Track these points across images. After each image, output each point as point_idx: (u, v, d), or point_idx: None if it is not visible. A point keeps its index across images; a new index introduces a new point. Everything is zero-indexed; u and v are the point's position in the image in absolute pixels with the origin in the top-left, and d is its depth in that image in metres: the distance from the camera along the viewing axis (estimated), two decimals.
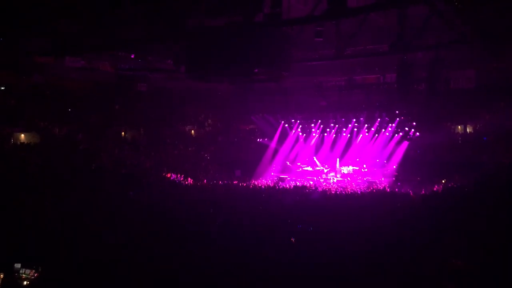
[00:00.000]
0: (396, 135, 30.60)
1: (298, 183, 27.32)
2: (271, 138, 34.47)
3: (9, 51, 21.04)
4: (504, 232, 11.94)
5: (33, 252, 11.35)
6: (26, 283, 10.33)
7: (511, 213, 13.39)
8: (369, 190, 23.76)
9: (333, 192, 22.81)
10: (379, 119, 31.46)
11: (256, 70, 18.59)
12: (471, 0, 16.69)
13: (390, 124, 30.99)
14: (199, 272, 10.37)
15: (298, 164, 32.63)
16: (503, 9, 17.12)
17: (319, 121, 33.80)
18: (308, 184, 26.46)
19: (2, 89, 26.47)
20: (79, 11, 15.81)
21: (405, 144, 29.99)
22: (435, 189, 22.35)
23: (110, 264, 10.70)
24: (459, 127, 30.94)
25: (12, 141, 24.20)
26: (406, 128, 30.23)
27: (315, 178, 29.95)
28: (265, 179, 29.83)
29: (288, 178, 30.10)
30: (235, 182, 27.09)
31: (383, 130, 31.33)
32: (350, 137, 32.67)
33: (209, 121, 36.94)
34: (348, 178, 29.28)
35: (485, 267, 10.03)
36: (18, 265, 10.49)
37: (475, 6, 17.27)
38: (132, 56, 24.01)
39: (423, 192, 21.68)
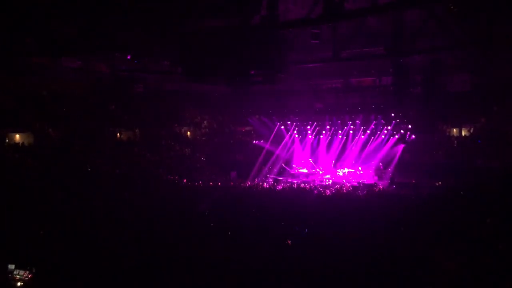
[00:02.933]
0: (392, 137, 30.70)
1: (293, 185, 27.35)
2: (267, 140, 34.49)
3: (4, 51, 20.94)
4: (496, 233, 12.03)
5: (27, 253, 11.31)
6: (20, 284, 10.29)
7: (503, 215, 13.48)
8: (364, 192, 23.82)
9: (328, 194, 22.86)
10: (374, 122, 31.57)
11: (253, 72, 18.61)
12: (467, 5, 16.79)
13: (386, 127, 31.10)
14: (194, 273, 10.37)
15: (294, 166, 32.66)
16: (499, 15, 17.19)
17: (315, 123, 33.90)
18: (303, 186, 26.49)
19: None
20: (75, 11, 15.77)
21: (401, 146, 30.09)
22: (429, 191, 22.42)
23: (104, 265, 10.68)
24: (454, 130, 31.07)
25: (7, 141, 24.05)
26: (402, 131, 30.35)
27: (310, 180, 29.96)
28: (261, 181, 29.82)
29: (283, 180, 30.10)
30: (231, 183, 27.09)
31: (379, 132, 31.43)
32: (346, 140, 32.78)
33: (205, 122, 36.92)
34: (344, 181, 29.31)
35: (478, 267, 10.09)
36: (12, 266, 10.45)
37: (471, 12, 17.36)
38: (129, 58, 23.98)
39: (418, 194, 21.72)
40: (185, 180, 25.51)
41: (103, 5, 14.91)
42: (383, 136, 31.15)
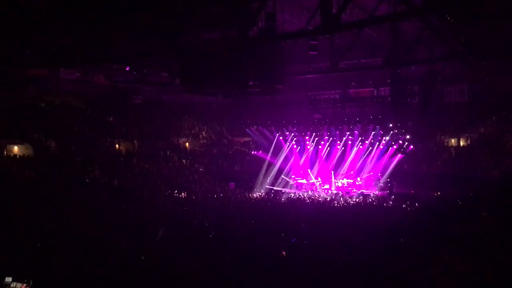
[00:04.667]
0: (390, 148, 30.71)
1: (292, 196, 27.28)
2: (265, 150, 34.50)
3: (2, 63, 20.99)
4: (494, 244, 12.02)
5: (25, 266, 11.25)
6: None
7: (502, 225, 13.47)
8: (363, 203, 23.75)
9: (326, 205, 22.81)
10: (373, 132, 31.60)
11: (251, 83, 18.70)
12: (463, 17, 16.92)
13: (384, 137, 31.12)
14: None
15: (293, 176, 32.61)
16: (495, 26, 17.32)
17: (314, 134, 33.95)
18: (302, 197, 26.42)
19: None
20: (73, 24, 15.85)
21: (399, 157, 30.08)
22: (428, 201, 22.39)
23: (101, 276, 10.63)
24: (452, 140, 31.12)
25: (6, 153, 24.01)
26: (400, 141, 30.34)
27: (309, 191, 29.91)
28: (260, 192, 29.74)
29: (282, 191, 30.02)
30: (229, 195, 26.99)
31: (377, 143, 31.45)
32: (344, 150, 32.78)
33: (203, 133, 36.93)
34: (342, 191, 29.24)
35: (476, 277, 10.07)
36: (9, 279, 10.37)
37: (468, 23, 17.49)
38: (127, 69, 24.06)
39: (416, 204, 21.68)
40: (183, 192, 25.37)
41: (102, 18, 15.00)
42: (381, 147, 31.16)
